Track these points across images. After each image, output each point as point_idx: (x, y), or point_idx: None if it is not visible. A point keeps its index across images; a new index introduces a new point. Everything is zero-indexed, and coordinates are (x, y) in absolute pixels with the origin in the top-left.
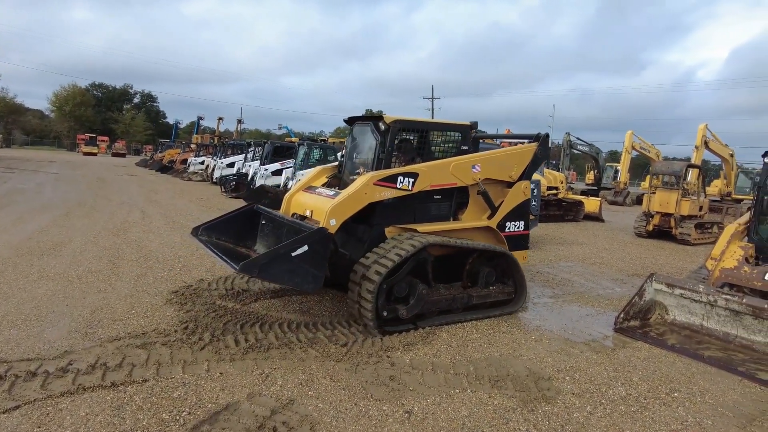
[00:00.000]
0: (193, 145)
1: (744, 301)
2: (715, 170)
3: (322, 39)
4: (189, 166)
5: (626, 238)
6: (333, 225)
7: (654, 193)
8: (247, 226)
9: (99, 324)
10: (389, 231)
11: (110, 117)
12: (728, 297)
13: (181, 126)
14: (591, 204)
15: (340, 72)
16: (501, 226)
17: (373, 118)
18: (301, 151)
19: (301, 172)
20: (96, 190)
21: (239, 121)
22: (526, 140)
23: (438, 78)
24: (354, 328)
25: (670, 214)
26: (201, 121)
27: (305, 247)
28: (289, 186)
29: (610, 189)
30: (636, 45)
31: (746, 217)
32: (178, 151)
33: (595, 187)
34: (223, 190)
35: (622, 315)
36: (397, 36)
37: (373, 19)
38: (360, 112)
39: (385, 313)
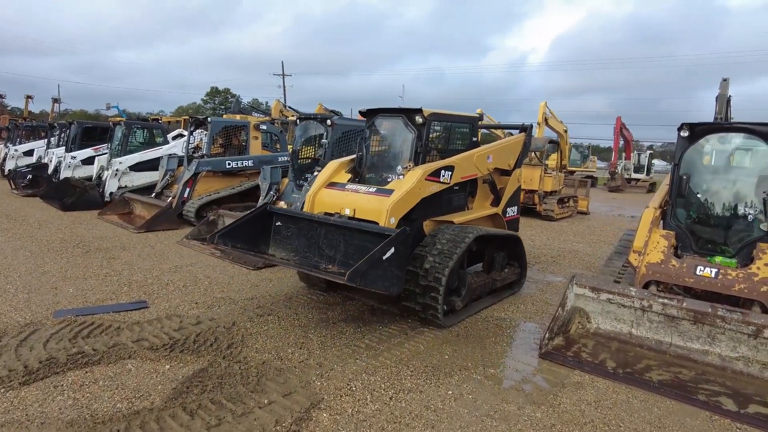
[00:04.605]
0: None
1: (684, 305)
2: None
3: (164, 9)
4: None
5: None
6: (392, 223)
7: None
8: (258, 230)
9: None
10: (427, 225)
11: None
12: (665, 301)
13: None
14: None
15: (185, 46)
16: (502, 211)
17: (405, 111)
18: (119, 133)
19: (119, 159)
20: None
21: (56, 100)
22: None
23: (293, 54)
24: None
25: (534, 191)
26: (2, 100)
27: (392, 250)
28: (103, 177)
29: None
30: (481, 30)
31: (659, 199)
32: None
33: None
34: (14, 186)
35: (547, 335)
36: (249, 9)
37: None
38: (206, 89)
39: (445, 307)
